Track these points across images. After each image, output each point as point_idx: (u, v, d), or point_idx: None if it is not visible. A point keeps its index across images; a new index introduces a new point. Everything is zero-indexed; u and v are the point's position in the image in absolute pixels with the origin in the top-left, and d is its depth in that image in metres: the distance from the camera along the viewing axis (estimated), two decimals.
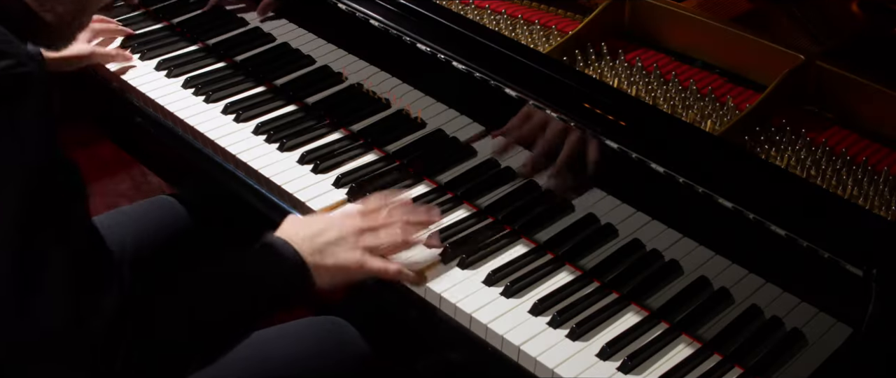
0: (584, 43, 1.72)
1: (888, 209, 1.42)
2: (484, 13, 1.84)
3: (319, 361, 1.54)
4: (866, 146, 1.54)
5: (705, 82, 1.66)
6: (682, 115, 1.61)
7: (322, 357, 1.55)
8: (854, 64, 1.58)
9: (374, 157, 1.79)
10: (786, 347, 1.37)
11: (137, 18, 2.14)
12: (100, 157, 2.95)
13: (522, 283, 1.52)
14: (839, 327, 1.32)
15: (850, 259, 1.28)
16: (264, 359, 1.54)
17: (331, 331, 1.58)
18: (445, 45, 1.65)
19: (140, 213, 1.76)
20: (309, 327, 1.60)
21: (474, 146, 1.69)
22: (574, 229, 1.57)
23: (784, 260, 1.36)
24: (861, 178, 1.47)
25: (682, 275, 1.48)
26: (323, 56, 1.91)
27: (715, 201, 1.38)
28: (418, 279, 1.51)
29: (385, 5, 1.73)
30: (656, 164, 1.43)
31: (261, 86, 1.96)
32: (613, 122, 1.50)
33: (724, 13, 1.76)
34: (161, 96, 1.92)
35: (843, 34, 1.72)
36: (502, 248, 1.59)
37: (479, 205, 1.67)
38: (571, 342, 1.43)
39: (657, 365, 1.41)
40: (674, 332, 1.45)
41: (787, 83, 1.59)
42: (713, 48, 1.70)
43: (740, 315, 1.42)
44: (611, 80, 1.68)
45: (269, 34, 2.00)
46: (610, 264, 1.53)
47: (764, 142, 1.55)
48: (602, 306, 1.49)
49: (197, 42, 2.08)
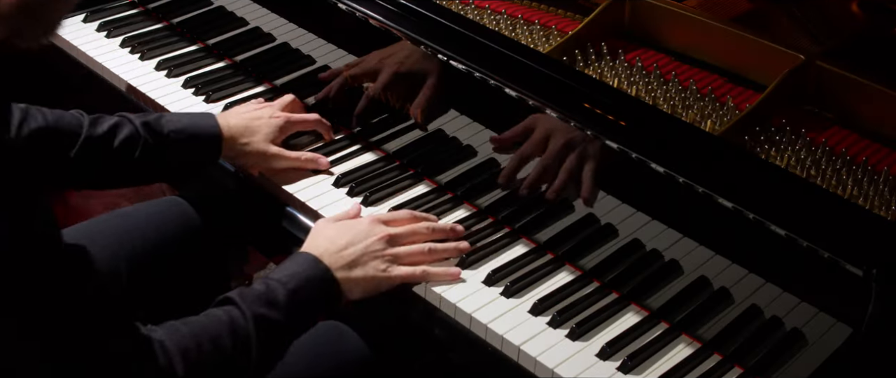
0: (584, 43, 1.72)
1: (888, 209, 1.42)
2: (484, 13, 1.84)
3: (319, 366, 1.54)
4: (866, 146, 1.54)
5: (705, 82, 1.66)
6: (682, 115, 1.61)
7: (321, 361, 1.55)
8: (854, 64, 1.58)
9: (374, 157, 1.79)
10: (786, 347, 1.37)
11: (137, 18, 2.14)
12: None
13: (522, 283, 1.52)
14: (839, 327, 1.32)
15: (850, 259, 1.27)
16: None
17: (330, 335, 1.58)
18: (445, 45, 1.65)
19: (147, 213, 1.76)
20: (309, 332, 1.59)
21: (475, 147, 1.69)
22: (574, 229, 1.57)
23: (784, 260, 1.36)
24: (861, 178, 1.47)
25: (682, 275, 1.48)
26: (323, 56, 1.91)
27: (715, 201, 1.38)
28: (446, 274, 1.53)
29: (385, 5, 1.73)
30: (656, 164, 1.43)
31: (261, 86, 1.97)
32: (613, 122, 1.50)
33: (724, 13, 1.76)
34: (161, 96, 1.92)
35: (843, 34, 1.71)
36: (502, 248, 1.59)
37: (479, 205, 1.67)
38: (571, 342, 1.43)
39: (657, 365, 1.41)
40: (674, 332, 1.45)
41: (787, 83, 1.59)
42: (713, 48, 1.70)
43: (740, 315, 1.42)
44: (611, 80, 1.68)
45: (269, 34, 2.00)
46: (610, 264, 1.53)
47: (764, 142, 1.55)
48: (602, 306, 1.49)
49: (197, 42, 2.08)
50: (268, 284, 1.40)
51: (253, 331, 1.33)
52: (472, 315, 1.47)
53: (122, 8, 2.16)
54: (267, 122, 1.74)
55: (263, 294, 1.38)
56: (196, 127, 1.69)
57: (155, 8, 2.15)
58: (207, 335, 1.29)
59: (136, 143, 1.63)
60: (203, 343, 1.28)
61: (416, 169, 1.74)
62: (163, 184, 2.86)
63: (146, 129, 1.65)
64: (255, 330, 1.33)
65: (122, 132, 1.63)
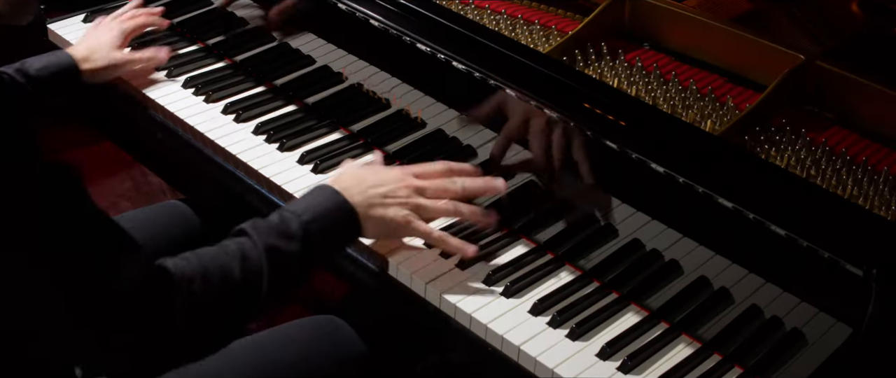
0: (584, 43, 1.72)
1: (888, 209, 1.42)
2: (484, 13, 1.84)
3: (316, 362, 1.54)
4: (866, 146, 1.54)
5: (705, 82, 1.66)
6: (682, 115, 1.61)
7: (318, 358, 1.55)
8: (854, 64, 1.58)
9: (374, 157, 1.79)
10: (786, 347, 1.37)
11: None
12: (100, 157, 2.95)
13: (522, 283, 1.51)
14: (839, 327, 1.32)
15: (850, 259, 1.27)
16: (260, 361, 1.53)
17: (327, 331, 1.58)
18: (445, 45, 1.65)
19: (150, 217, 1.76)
20: (304, 328, 1.59)
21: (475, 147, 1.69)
22: (574, 229, 1.57)
23: (784, 260, 1.36)
24: (861, 178, 1.47)
25: (682, 275, 1.48)
26: (323, 56, 1.91)
27: (715, 201, 1.38)
28: (462, 247, 1.52)
29: (385, 5, 1.73)
30: (656, 164, 1.43)
31: (261, 86, 1.96)
32: (613, 122, 1.50)
33: (724, 13, 1.76)
34: (161, 96, 1.92)
35: (843, 34, 1.72)
36: (502, 248, 1.59)
37: (479, 205, 1.66)
38: (571, 342, 1.43)
39: (657, 365, 1.41)
40: (674, 332, 1.45)
41: (787, 83, 1.59)
42: (713, 48, 1.70)
43: (740, 315, 1.42)
44: (611, 80, 1.68)
45: (270, 34, 2.00)
46: (610, 264, 1.53)
47: (764, 142, 1.55)
48: (602, 306, 1.49)
49: (197, 42, 2.08)
50: (282, 215, 1.39)
51: (265, 262, 1.32)
52: (472, 315, 1.47)
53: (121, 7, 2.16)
54: (106, 29, 1.90)
55: (277, 225, 1.37)
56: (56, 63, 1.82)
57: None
58: (216, 265, 1.29)
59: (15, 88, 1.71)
60: (212, 274, 1.28)
61: None
62: (164, 186, 2.87)
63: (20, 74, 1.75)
64: (267, 261, 1.33)
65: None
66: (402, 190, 1.50)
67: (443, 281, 1.52)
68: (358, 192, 1.46)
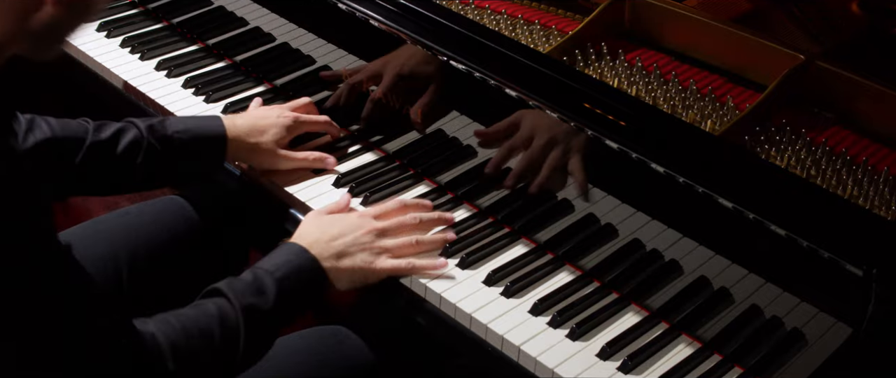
0: (584, 43, 1.72)
1: (888, 209, 1.42)
2: (484, 13, 1.84)
3: (323, 372, 1.54)
4: (866, 146, 1.54)
5: (705, 82, 1.66)
6: (682, 115, 1.61)
7: (325, 367, 1.55)
8: (854, 64, 1.58)
9: (374, 157, 1.79)
10: (786, 347, 1.37)
11: (137, 18, 2.14)
12: None
13: (522, 283, 1.52)
14: (839, 327, 1.32)
15: (850, 259, 1.28)
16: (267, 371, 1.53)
17: (333, 340, 1.57)
18: (445, 45, 1.65)
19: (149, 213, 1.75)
20: (311, 337, 1.59)
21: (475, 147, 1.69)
22: (574, 229, 1.57)
23: (784, 260, 1.36)
24: (861, 178, 1.47)
25: (682, 275, 1.48)
26: (323, 56, 1.91)
27: (715, 201, 1.38)
28: (433, 264, 1.54)
29: (385, 5, 1.73)
30: (656, 164, 1.43)
31: (261, 86, 1.97)
32: (613, 122, 1.50)
33: (724, 13, 1.76)
34: (161, 96, 1.92)
35: (843, 34, 1.72)
36: (502, 248, 1.59)
37: (479, 205, 1.67)
38: (571, 342, 1.43)
39: (657, 365, 1.41)
40: (674, 332, 1.45)
41: (787, 83, 1.59)
42: (713, 48, 1.70)
43: (740, 315, 1.42)
44: (611, 80, 1.68)
45: (269, 34, 2.00)
46: (610, 264, 1.53)
47: (764, 142, 1.55)
48: (602, 306, 1.49)
49: (197, 42, 2.08)
50: (256, 274, 1.40)
51: (242, 322, 1.33)
52: (473, 315, 1.47)
53: (123, 8, 2.16)
54: (274, 121, 1.72)
55: (252, 284, 1.38)
56: (200, 128, 1.68)
57: (155, 8, 2.15)
58: (197, 328, 1.30)
59: (140, 145, 1.62)
60: (193, 336, 1.29)
61: (417, 169, 1.74)
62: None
63: (150, 132, 1.63)
64: (244, 321, 1.34)
65: (127, 136, 1.62)
66: (364, 236, 1.52)
67: (443, 281, 1.52)
68: (324, 247, 1.48)
